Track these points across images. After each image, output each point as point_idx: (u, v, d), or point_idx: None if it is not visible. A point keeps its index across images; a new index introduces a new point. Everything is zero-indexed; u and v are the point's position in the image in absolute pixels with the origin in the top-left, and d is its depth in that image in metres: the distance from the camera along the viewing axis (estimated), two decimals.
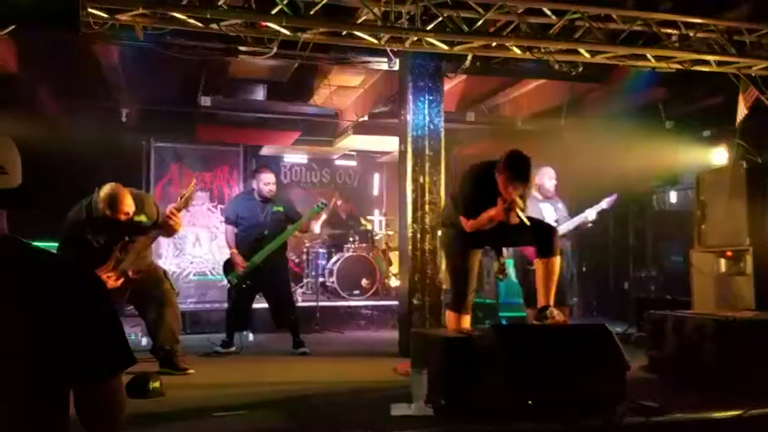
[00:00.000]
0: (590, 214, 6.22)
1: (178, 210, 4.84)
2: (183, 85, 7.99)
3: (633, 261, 8.97)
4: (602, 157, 7.50)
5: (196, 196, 4.85)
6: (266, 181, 6.17)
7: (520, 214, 4.17)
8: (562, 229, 5.91)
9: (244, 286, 6.04)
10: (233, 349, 6.11)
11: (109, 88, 7.90)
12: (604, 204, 6.22)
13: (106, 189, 4.67)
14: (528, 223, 4.20)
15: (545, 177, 6.15)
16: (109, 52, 6.87)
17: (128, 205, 4.70)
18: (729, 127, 6.63)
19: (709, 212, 6.24)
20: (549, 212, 6.04)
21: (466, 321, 4.65)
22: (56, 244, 4.82)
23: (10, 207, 1.39)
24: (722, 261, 6.07)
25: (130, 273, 4.82)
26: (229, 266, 6.13)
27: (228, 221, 6.23)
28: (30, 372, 1.25)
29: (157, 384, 4.20)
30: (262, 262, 5.99)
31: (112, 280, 4.73)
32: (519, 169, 4.19)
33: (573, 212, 6.36)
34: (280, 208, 6.18)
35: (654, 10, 5.53)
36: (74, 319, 1.29)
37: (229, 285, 6.20)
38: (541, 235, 4.43)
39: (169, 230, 4.95)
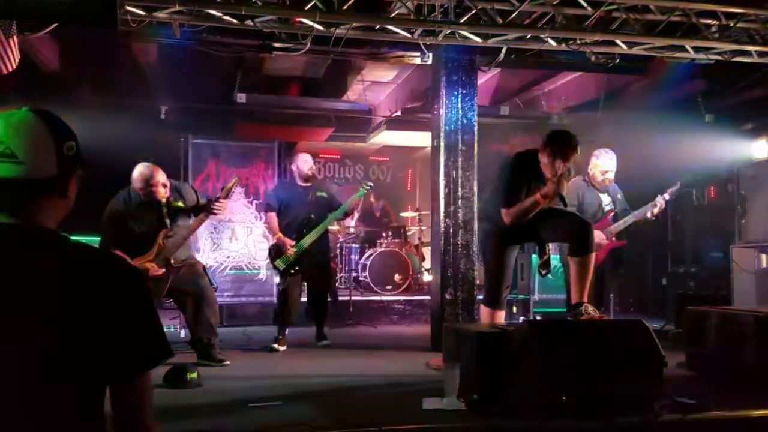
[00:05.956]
0: (654, 207, 5.61)
1: (218, 200, 5.05)
2: (219, 83, 8.11)
3: (671, 256, 8.81)
4: (640, 152, 7.36)
5: (236, 189, 5.12)
6: (305, 160, 6.10)
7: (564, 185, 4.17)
8: (621, 224, 5.61)
9: (292, 271, 5.87)
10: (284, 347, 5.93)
11: (148, 86, 8.05)
12: (667, 195, 5.61)
13: (138, 167, 4.89)
14: (567, 200, 4.25)
15: (597, 170, 5.77)
16: (148, 50, 7.00)
17: (161, 177, 4.89)
18: None
19: (749, 207, 6.11)
20: (606, 201, 5.66)
21: (501, 317, 4.65)
22: (98, 239, 4.97)
23: (18, 197, 1.31)
24: (763, 256, 5.95)
25: (172, 261, 4.97)
26: (275, 251, 5.95)
27: (270, 208, 6.06)
28: (66, 368, 1.24)
29: (194, 375, 4.31)
30: (310, 245, 5.86)
31: (154, 269, 4.86)
32: (564, 139, 4.19)
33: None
34: (323, 194, 6.08)
35: (693, 0, 5.42)
36: (110, 312, 1.28)
37: (276, 272, 6.03)
38: (576, 232, 4.32)
39: (216, 215, 5.16)
